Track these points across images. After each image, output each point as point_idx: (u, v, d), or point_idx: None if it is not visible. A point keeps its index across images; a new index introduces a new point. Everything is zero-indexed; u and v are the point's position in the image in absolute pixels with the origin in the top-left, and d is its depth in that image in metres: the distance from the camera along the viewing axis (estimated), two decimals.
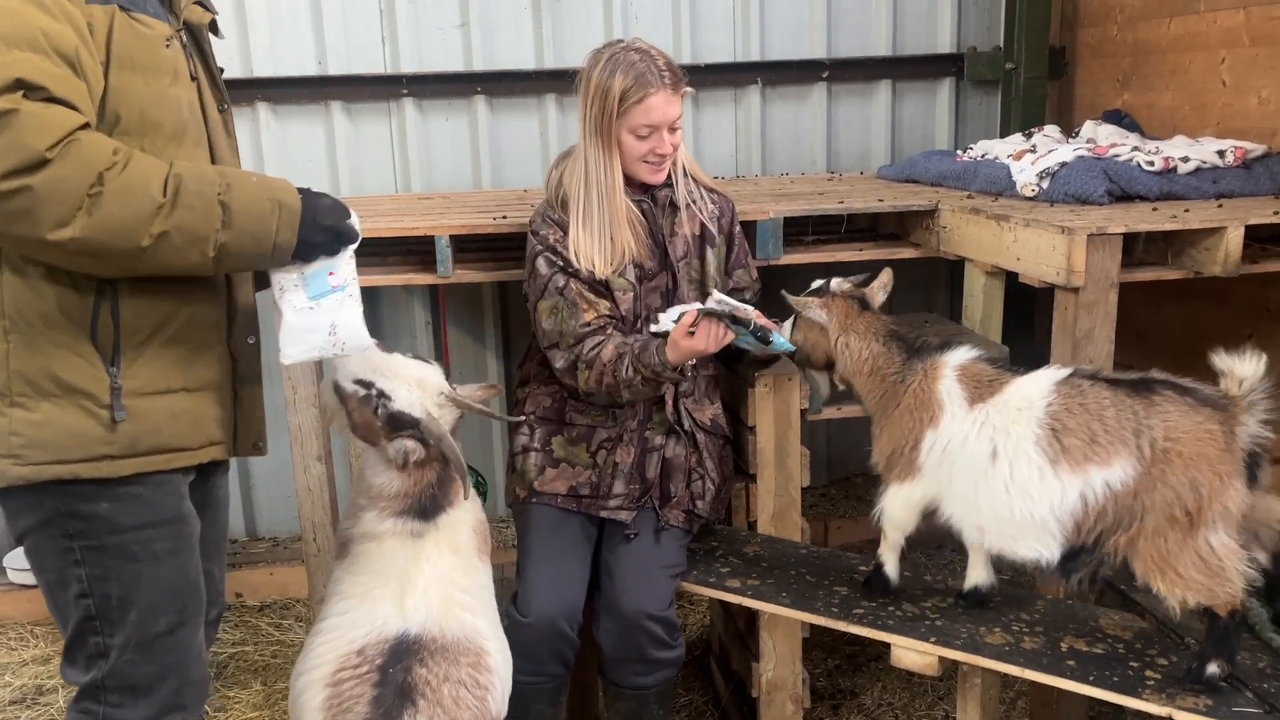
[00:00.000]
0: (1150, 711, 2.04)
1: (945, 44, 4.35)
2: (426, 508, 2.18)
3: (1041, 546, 2.06)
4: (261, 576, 4.02)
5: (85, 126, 1.60)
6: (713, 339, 2.35)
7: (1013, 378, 2.16)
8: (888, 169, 4.05)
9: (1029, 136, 3.76)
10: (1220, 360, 2.00)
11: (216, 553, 2.16)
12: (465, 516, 2.22)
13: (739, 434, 2.85)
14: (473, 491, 2.27)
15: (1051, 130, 3.80)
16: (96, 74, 1.67)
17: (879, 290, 2.45)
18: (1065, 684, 2.14)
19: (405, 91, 4.08)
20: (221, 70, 2.04)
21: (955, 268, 3.67)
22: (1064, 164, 3.11)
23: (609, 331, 2.53)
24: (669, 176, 2.62)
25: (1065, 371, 2.14)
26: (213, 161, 1.93)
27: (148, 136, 1.76)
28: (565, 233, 2.56)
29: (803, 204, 3.25)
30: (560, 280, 2.55)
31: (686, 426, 2.68)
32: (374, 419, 2.15)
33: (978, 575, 2.38)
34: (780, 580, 2.57)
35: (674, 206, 2.64)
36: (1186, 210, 2.80)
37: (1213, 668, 2.04)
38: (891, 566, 2.43)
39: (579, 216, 2.54)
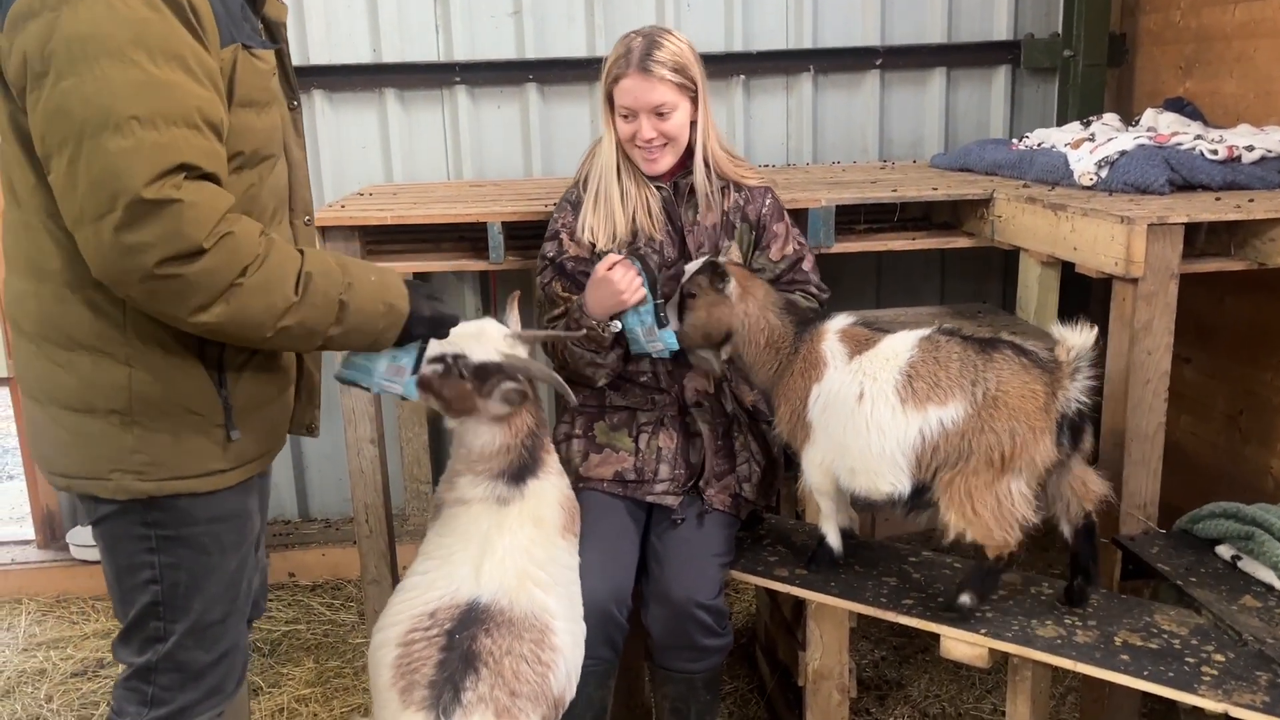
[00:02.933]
0: (1206, 707, 2.02)
1: (1002, 31, 4.28)
2: (525, 465, 2.22)
3: (895, 481, 2.25)
4: (314, 557, 4.09)
5: (235, 212, 1.66)
6: (624, 281, 2.41)
7: (886, 336, 2.35)
8: (941, 158, 4.01)
9: (1087, 125, 3.70)
10: (1056, 329, 2.21)
11: (258, 520, 2.20)
12: (551, 489, 2.26)
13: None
14: (559, 469, 2.34)
15: (1110, 119, 3.73)
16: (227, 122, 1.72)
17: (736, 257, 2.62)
18: (1119, 678, 2.12)
19: (458, 79, 4.10)
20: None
21: (1009, 258, 3.63)
22: (1124, 152, 3.05)
23: None
24: (688, 165, 2.63)
25: (930, 329, 2.32)
26: (286, 163, 1.98)
27: (260, 167, 1.83)
28: (576, 214, 2.68)
29: (855, 192, 3.23)
30: (547, 276, 2.69)
31: (730, 409, 2.68)
32: (462, 383, 2.17)
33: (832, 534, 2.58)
34: (828, 570, 2.57)
35: (695, 195, 2.65)
36: (1251, 200, 2.74)
37: (965, 598, 2.30)
38: (833, 537, 2.55)
39: (590, 191, 2.66)
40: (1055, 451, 2.17)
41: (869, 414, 2.25)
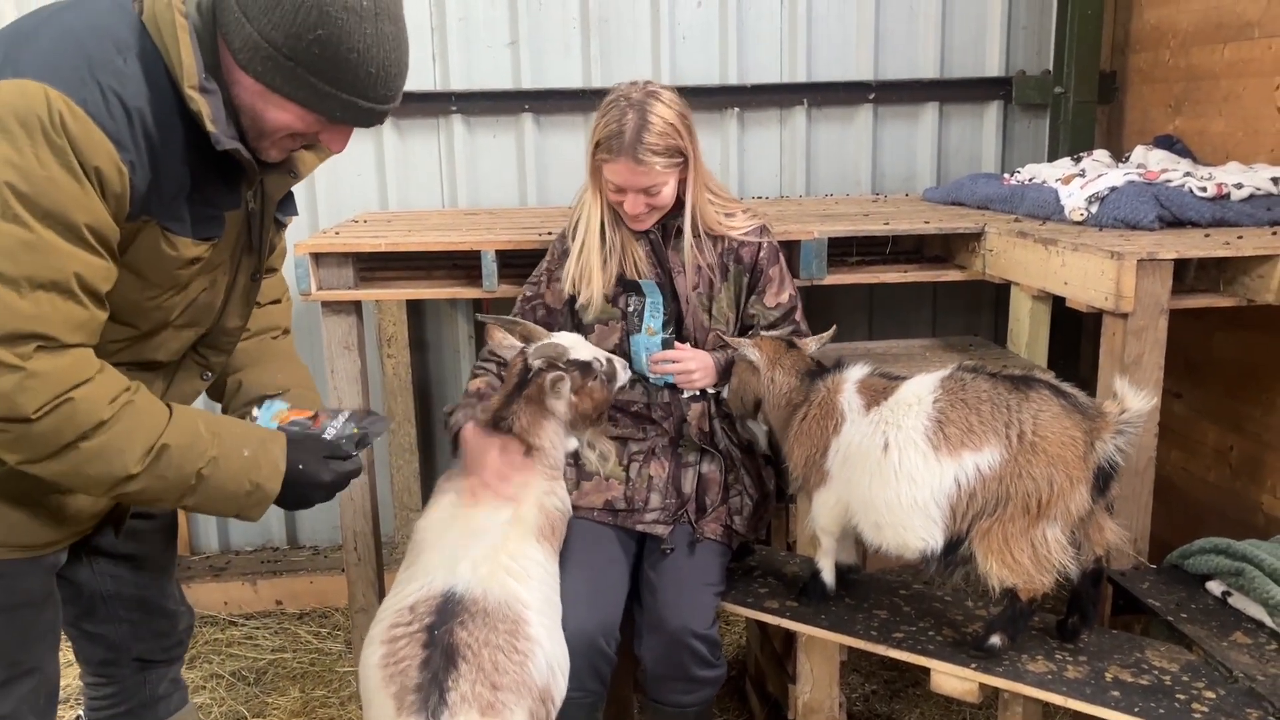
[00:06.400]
0: None
1: (993, 67, 4.33)
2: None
3: (927, 535, 2.18)
4: (302, 585, 4.05)
5: (88, 381, 1.57)
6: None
7: (904, 382, 2.31)
8: (933, 191, 4.03)
9: (1078, 161, 3.73)
10: (1119, 384, 2.16)
11: (161, 567, 2.16)
12: (531, 491, 2.27)
13: (780, 455, 2.84)
14: (553, 483, 2.36)
15: (1101, 155, 3.77)
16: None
17: (813, 342, 2.60)
18: (1110, 714, 2.11)
19: (454, 109, 4.13)
20: (283, 225, 1.99)
21: (1001, 291, 3.64)
22: (1114, 189, 3.08)
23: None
24: (677, 211, 2.63)
25: (950, 369, 2.28)
26: (209, 332, 1.89)
27: (117, 329, 1.71)
28: (562, 261, 2.70)
29: (847, 225, 3.24)
30: (517, 310, 2.77)
31: (722, 446, 2.68)
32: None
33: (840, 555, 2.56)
34: (818, 602, 2.56)
35: (682, 237, 2.64)
36: (1240, 237, 2.77)
37: (995, 639, 2.26)
38: (827, 572, 2.55)
39: (575, 243, 2.67)
40: (1089, 502, 2.13)
41: (897, 464, 2.19)
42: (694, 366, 2.59)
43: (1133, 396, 2.11)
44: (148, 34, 1.58)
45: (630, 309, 2.66)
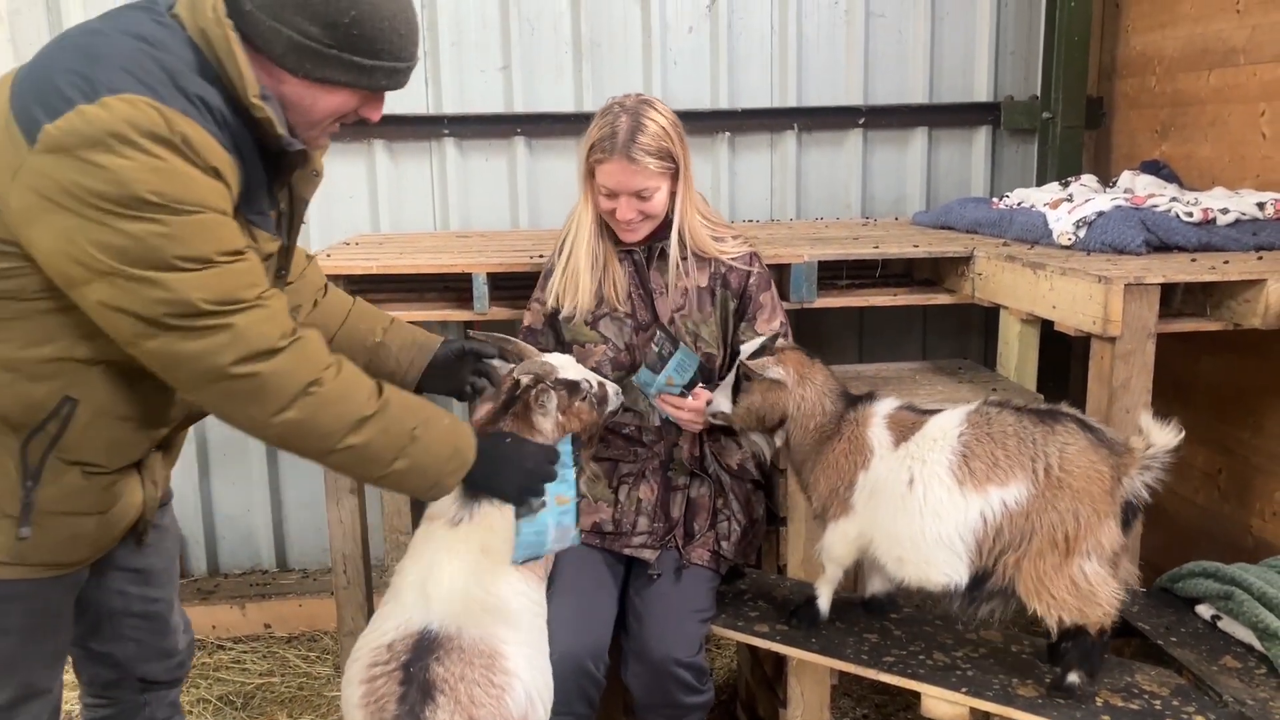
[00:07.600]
0: None
1: (982, 93, 4.37)
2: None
3: (951, 570, 2.15)
4: (290, 608, 4.03)
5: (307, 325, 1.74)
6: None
7: (932, 416, 2.28)
8: (923, 215, 4.06)
9: (1065, 185, 3.76)
10: (1144, 420, 2.15)
11: (168, 580, 2.16)
12: (503, 521, 2.22)
13: (770, 477, 2.84)
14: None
15: (1088, 180, 3.80)
16: None
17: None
18: None
19: (446, 132, 4.15)
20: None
21: (990, 315, 3.66)
22: (1101, 213, 3.10)
23: None
24: (665, 230, 2.63)
25: (976, 403, 2.26)
26: None
27: None
28: (547, 282, 2.72)
29: (837, 248, 3.26)
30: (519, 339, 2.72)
31: (711, 470, 2.68)
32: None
33: (875, 585, 2.54)
34: (809, 627, 2.55)
35: (666, 259, 2.64)
36: (1226, 262, 2.79)
37: (1073, 677, 2.19)
38: (824, 600, 2.51)
39: (562, 256, 2.69)
40: (1121, 536, 2.10)
41: (922, 499, 2.16)
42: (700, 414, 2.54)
43: (1157, 433, 2.09)
44: (199, 49, 1.65)
45: (657, 350, 2.55)
